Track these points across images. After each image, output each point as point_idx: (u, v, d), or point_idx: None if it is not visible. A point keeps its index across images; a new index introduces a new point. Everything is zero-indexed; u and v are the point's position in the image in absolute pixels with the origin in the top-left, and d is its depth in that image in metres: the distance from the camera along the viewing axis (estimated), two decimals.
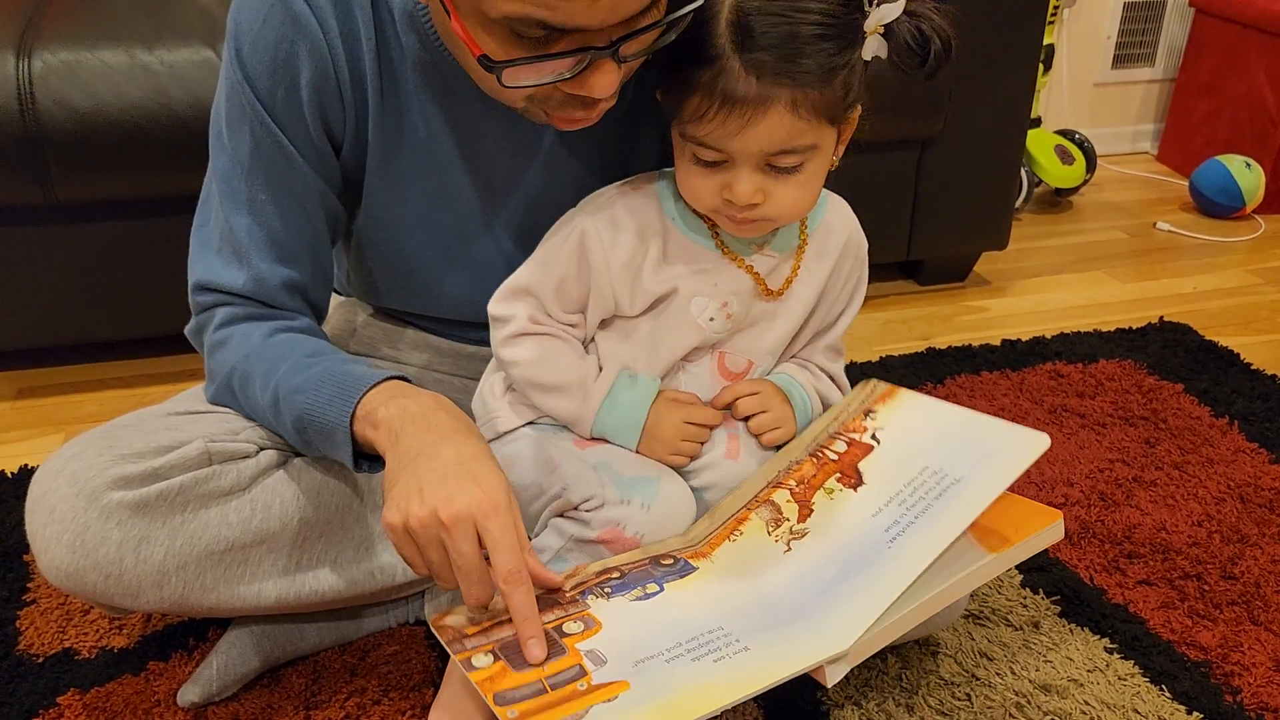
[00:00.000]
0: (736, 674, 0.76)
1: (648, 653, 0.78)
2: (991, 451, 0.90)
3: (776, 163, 0.87)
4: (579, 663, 0.77)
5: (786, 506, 0.93)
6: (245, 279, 0.96)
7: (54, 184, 1.45)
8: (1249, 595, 1.21)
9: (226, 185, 0.96)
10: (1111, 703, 1.05)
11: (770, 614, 0.83)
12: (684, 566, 0.89)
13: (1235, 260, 2.23)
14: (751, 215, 0.90)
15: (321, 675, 1.08)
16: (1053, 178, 2.40)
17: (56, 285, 1.57)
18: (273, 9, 0.89)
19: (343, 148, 0.98)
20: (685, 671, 0.76)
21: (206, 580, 0.94)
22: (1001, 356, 1.76)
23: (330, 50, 0.91)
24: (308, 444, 0.95)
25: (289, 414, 0.92)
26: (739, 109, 0.83)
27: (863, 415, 1.00)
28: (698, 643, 0.79)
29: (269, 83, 0.91)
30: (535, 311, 0.97)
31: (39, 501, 0.90)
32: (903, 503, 0.89)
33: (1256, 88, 2.45)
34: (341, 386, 0.90)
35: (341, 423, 0.89)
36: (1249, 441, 1.51)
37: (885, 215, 1.91)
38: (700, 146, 0.87)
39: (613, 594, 0.85)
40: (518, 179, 1.02)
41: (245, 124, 0.93)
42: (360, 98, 0.95)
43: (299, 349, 0.95)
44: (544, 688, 0.75)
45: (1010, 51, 1.83)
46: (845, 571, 0.84)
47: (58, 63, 1.43)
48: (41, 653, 1.11)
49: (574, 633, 0.81)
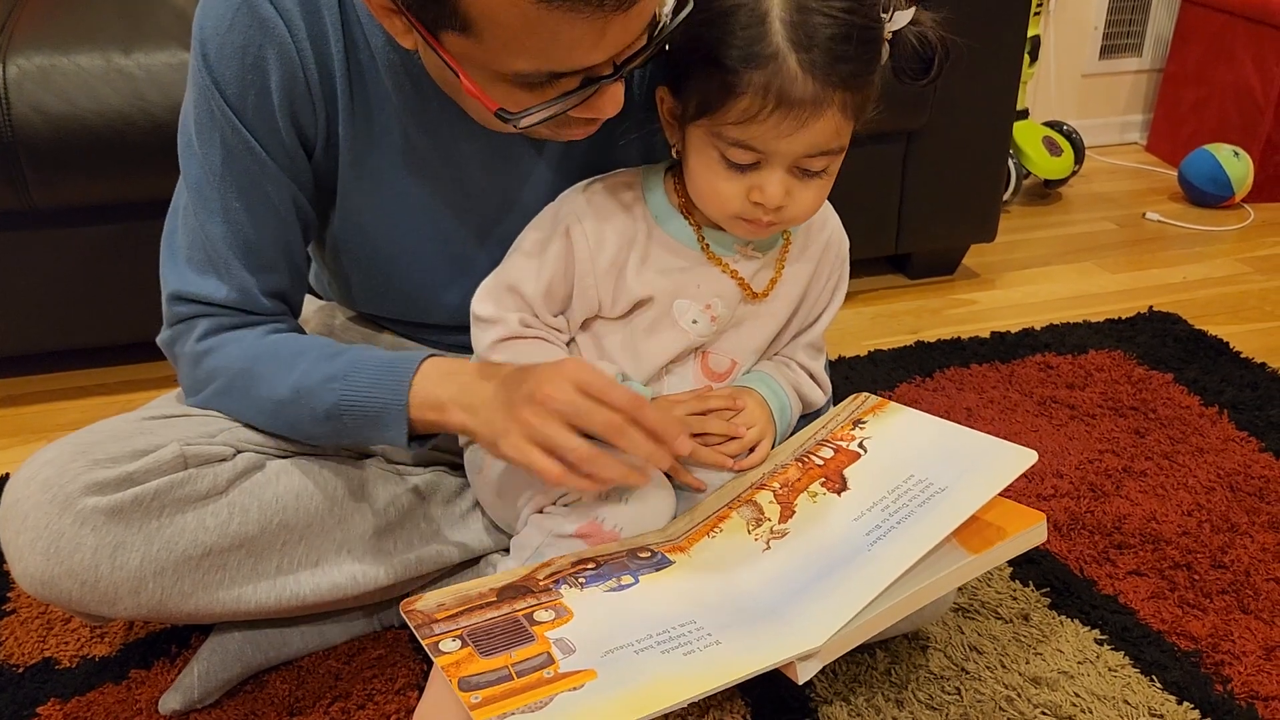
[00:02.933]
0: (705, 667, 0.75)
1: (617, 643, 0.78)
2: (978, 463, 0.91)
3: (808, 165, 0.86)
4: (547, 650, 0.77)
5: (769, 507, 0.92)
6: (228, 290, 0.96)
7: (30, 189, 1.44)
8: (1239, 584, 1.20)
9: (199, 193, 0.94)
10: (1102, 694, 1.05)
11: (744, 609, 0.82)
12: (660, 560, 0.88)
13: (1224, 249, 2.22)
14: (776, 218, 0.89)
15: (305, 680, 1.07)
16: (1041, 169, 2.39)
17: (35, 291, 1.55)
18: (238, 13, 0.88)
19: (315, 150, 0.97)
20: (654, 663, 0.76)
21: (185, 586, 0.93)
22: (991, 349, 1.75)
23: (299, 53, 0.90)
24: (337, 431, 0.95)
25: (320, 403, 0.92)
26: (795, 110, 0.81)
27: (851, 425, 1.00)
28: (668, 635, 0.79)
29: (238, 87, 0.90)
30: (524, 314, 0.96)
31: (11, 509, 0.89)
32: (885, 508, 0.88)
33: (1244, 76, 2.45)
34: (383, 371, 0.91)
35: (397, 402, 0.90)
36: (1239, 430, 1.50)
37: (872, 209, 1.90)
38: (737, 148, 0.85)
39: (587, 584, 0.85)
40: (493, 181, 1.01)
41: (216, 131, 0.92)
42: (330, 100, 0.94)
43: (311, 345, 0.97)
44: (510, 674, 0.75)
45: (996, 43, 1.82)
46: (822, 572, 0.84)
47: (33, 68, 1.42)
48: (21, 663, 1.10)
49: (544, 621, 0.80)
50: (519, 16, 0.72)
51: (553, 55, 0.76)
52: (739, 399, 0.98)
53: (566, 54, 0.76)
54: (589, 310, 0.96)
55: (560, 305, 0.97)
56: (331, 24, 0.91)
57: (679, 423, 0.91)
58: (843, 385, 1.63)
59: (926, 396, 1.61)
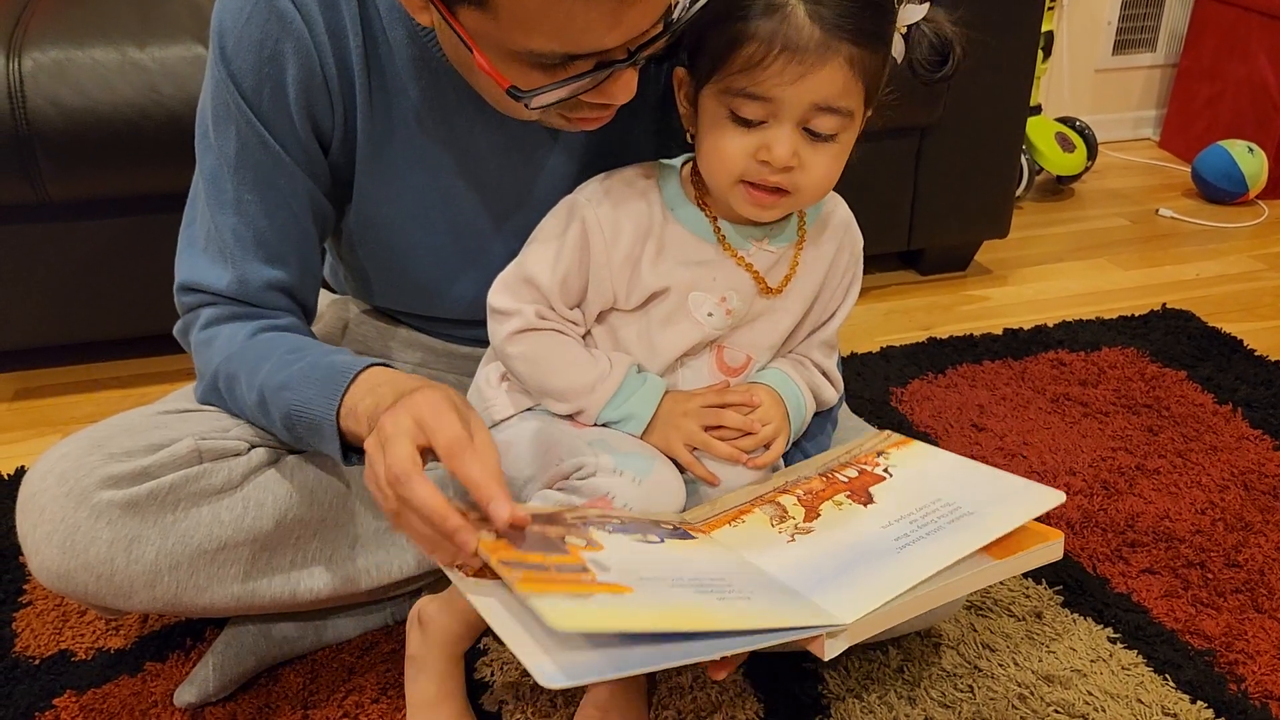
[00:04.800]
0: (740, 611, 0.73)
1: (652, 574, 0.75)
2: (1005, 499, 0.89)
3: (816, 125, 0.87)
4: (582, 563, 0.73)
5: (793, 508, 0.90)
6: (229, 279, 0.96)
7: (45, 183, 1.45)
8: (1253, 583, 1.20)
9: (213, 185, 0.95)
10: (1115, 693, 1.05)
11: (771, 583, 0.80)
12: (683, 533, 0.86)
13: (1238, 246, 2.21)
14: (784, 181, 0.89)
15: (319, 674, 1.08)
16: (1054, 165, 2.39)
17: (50, 285, 1.56)
18: (257, 6, 0.88)
19: (331, 145, 0.97)
20: (689, 596, 0.73)
21: (199, 579, 0.93)
22: (1003, 345, 1.74)
23: (317, 47, 0.90)
24: (299, 440, 0.94)
25: (277, 411, 0.92)
26: (799, 56, 0.83)
27: (875, 455, 0.99)
28: (700, 583, 0.76)
29: (254, 81, 0.90)
30: (541, 306, 0.95)
31: (28, 502, 0.89)
32: (913, 521, 0.87)
33: (1258, 72, 2.43)
34: (324, 380, 0.89)
35: (328, 416, 0.88)
36: (1253, 428, 1.50)
37: (885, 205, 1.90)
38: (744, 99, 0.86)
39: (613, 532, 0.81)
40: (509, 173, 1.01)
41: (231, 123, 0.92)
42: (348, 94, 0.94)
43: (280, 346, 0.95)
44: (549, 568, 0.71)
45: (1010, 38, 1.81)
46: (850, 563, 0.82)
47: (48, 61, 1.42)
48: (38, 655, 1.11)
49: (577, 545, 0.76)
50: None
51: (568, 36, 0.76)
52: (756, 395, 0.98)
53: (581, 35, 0.76)
54: (604, 302, 0.96)
55: (576, 297, 0.97)
56: (350, 18, 0.90)
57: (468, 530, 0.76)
58: (854, 381, 1.63)
59: (939, 393, 1.61)
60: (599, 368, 0.95)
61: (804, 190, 0.90)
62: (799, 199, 0.91)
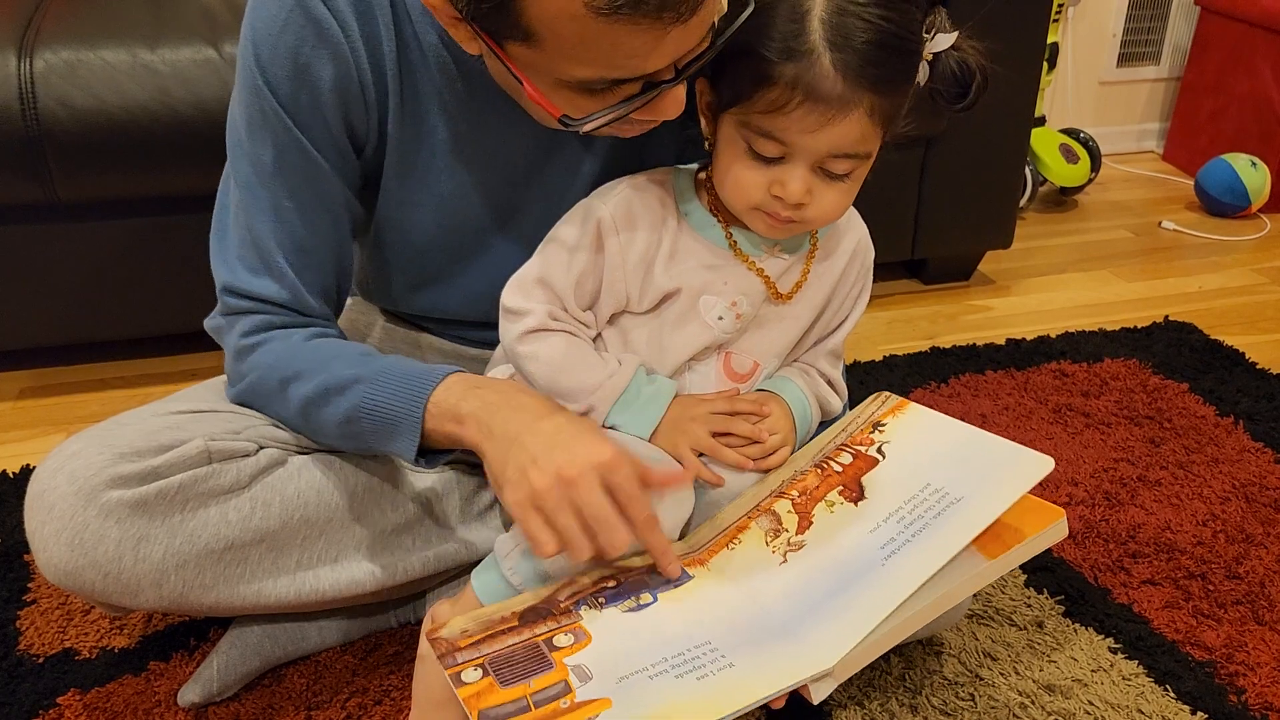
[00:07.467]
0: (718, 692, 0.77)
1: (633, 668, 0.80)
2: (995, 470, 0.92)
3: (831, 167, 0.87)
4: (565, 679, 0.79)
5: (787, 517, 0.93)
6: (278, 289, 0.96)
7: (55, 183, 1.45)
8: (1254, 595, 1.20)
9: (249, 191, 0.95)
10: (1116, 703, 1.05)
11: (759, 628, 0.84)
12: (680, 576, 0.90)
13: (1241, 259, 2.22)
14: (795, 215, 0.89)
15: (323, 675, 1.08)
16: (1057, 176, 2.39)
17: (58, 285, 1.57)
18: (291, 13, 0.88)
19: (365, 149, 0.97)
20: (668, 689, 0.78)
21: (206, 579, 0.93)
22: (1006, 356, 1.75)
23: (352, 53, 0.90)
24: (356, 435, 0.94)
25: (343, 405, 0.92)
26: (821, 106, 0.83)
27: (870, 428, 1.01)
28: (683, 659, 0.81)
29: (291, 88, 0.90)
30: (553, 307, 0.96)
31: (37, 500, 0.90)
32: (901, 519, 0.90)
33: (1262, 86, 2.44)
34: (407, 379, 0.91)
35: (412, 413, 0.89)
36: (1254, 441, 1.50)
37: (889, 214, 1.91)
38: (763, 138, 0.86)
39: (606, 604, 0.86)
40: (537, 175, 1.02)
41: (267, 131, 0.92)
42: (382, 99, 0.94)
43: (351, 348, 0.97)
44: (528, 704, 0.76)
45: (1015, 49, 1.82)
46: (836, 588, 0.85)
47: (59, 62, 1.43)
48: (42, 653, 1.11)
49: (564, 646, 0.82)
50: (579, 29, 0.73)
51: (613, 63, 0.77)
52: (765, 405, 0.98)
53: (627, 61, 0.77)
54: (617, 305, 0.97)
55: (589, 299, 0.97)
56: (384, 23, 0.91)
57: (672, 558, 0.89)
58: (858, 390, 1.63)
59: (941, 403, 1.61)
60: (608, 368, 0.96)
61: (815, 221, 0.92)
62: (812, 224, 0.93)
